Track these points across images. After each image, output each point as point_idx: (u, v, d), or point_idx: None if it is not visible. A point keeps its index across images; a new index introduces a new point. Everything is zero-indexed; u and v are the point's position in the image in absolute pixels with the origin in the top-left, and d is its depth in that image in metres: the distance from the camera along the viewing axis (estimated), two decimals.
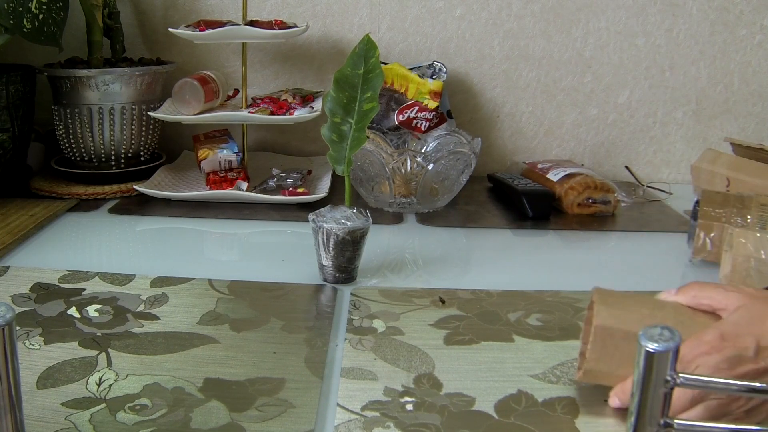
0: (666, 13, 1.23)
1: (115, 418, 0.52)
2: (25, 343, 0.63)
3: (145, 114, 1.09)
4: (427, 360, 0.62)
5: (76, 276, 0.77)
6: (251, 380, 0.58)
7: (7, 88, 1.00)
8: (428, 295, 0.76)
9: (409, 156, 1.00)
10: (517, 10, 1.22)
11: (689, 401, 0.51)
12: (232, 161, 1.07)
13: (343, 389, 0.58)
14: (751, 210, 0.83)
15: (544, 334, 0.68)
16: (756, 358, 0.51)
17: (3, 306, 0.40)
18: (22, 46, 1.10)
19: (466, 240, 0.96)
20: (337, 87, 0.77)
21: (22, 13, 0.93)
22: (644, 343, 0.40)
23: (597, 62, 1.25)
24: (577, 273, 0.86)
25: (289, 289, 0.76)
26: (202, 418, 0.53)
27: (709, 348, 0.51)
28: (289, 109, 1.07)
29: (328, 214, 0.77)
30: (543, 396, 0.57)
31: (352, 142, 0.76)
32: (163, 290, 0.75)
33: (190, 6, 1.24)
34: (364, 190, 1.04)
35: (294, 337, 0.66)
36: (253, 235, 0.97)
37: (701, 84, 1.26)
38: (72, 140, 1.07)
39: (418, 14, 1.23)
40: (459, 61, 1.25)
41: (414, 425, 0.53)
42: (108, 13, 1.13)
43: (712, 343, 0.51)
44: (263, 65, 1.26)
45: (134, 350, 0.62)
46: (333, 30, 1.24)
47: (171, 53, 1.25)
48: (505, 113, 1.28)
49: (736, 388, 0.43)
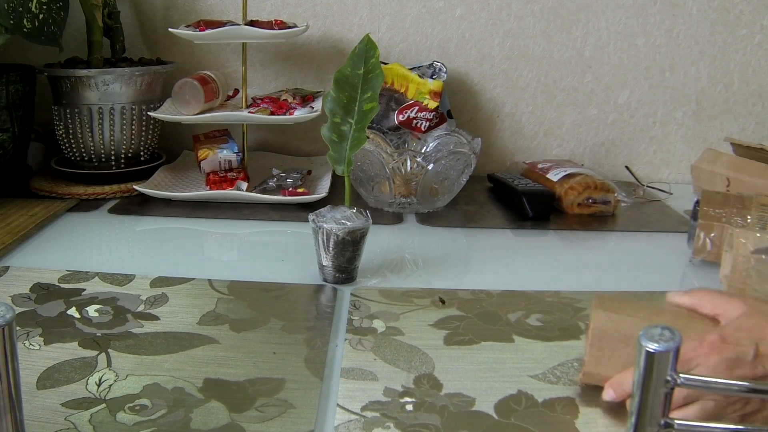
0: (666, 13, 1.23)
1: (115, 418, 0.52)
2: (25, 343, 0.63)
3: (145, 114, 1.09)
4: (427, 360, 0.62)
5: (76, 276, 0.77)
6: (251, 380, 0.58)
7: (7, 88, 1.00)
8: (428, 295, 0.76)
9: (409, 156, 1.00)
10: (517, 10, 1.22)
11: (681, 398, 0.51)
12: (232, 161, 1.07)
13: (343, 389, 0.58)
14: (751, 210, 0.83)
15: (544, 335, 0.68)
16: (754, 362, 0.51)
17: (3, 306, 0.40)
18: (22, 46, 1.10)
19: (466, 240, 0.96)
20: (337, 87, 0.77)
21: (22, 13, 0.93)
22: (644, 344, 0.40)
23: (597, 62, 1.25)
24: (577, 273, 0.86)
25: (289, 289, 0.76)
26: (202, 419, 0.53)
27: (710, 348, 0.52)
28: (289, 109, 1.07)
29: (328, 214, 0.77)
30: (543, 396, 0.57)
31: (352, 142, 0.76)
32: (163, 290, 0.75)
33: (190, 6, 1.24)
34: (364, 190, 1.04)
35: (294, 337, 0.66)
36: (253, 235, 0.97)
37: (701, 84, 1.26)
38: (72, 140, 1.07)
39: (418, 14, 1.23)
40: (459, 61, 1.25)
41: (414, 425, 0.53)
42: (108, 13, 1.13)
43: (713, 344, 0.52)
44: (263, 65, 1.26)
45: (134, 350, 0.62)
46: (333, 30, 1.24)
47: (171, 53, 1.25)
48: (505, 113, 1.28)
49: (736, 388, 0.43)
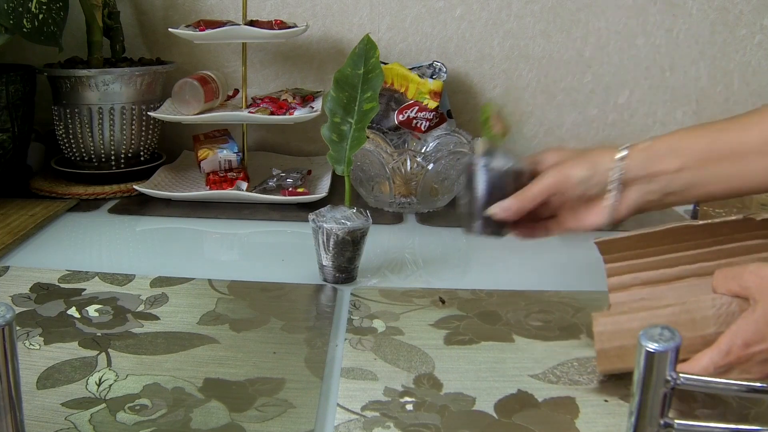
0: (666, 13, 1.22)
1: (115, 418, 0.52)
2: (25, 343, 0.63)
3: (145, 114, 1.09)
4: (427, 360, 0.62)
5: (76, 276, 0.77)
6: (251, 380, 0.58)
7: (7, 88, 1.00)
8: (428, 295, 0.76)
9: (409, 156, 1.00)
10: (517, 10, 1.22)
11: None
12: (232, 161, 1.07)
13: (343, 389, 0.58)
14: (751, 209, 0.83)
15: (544, 334, 0.68)
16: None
17: (3, 306, 0.40)
18: (22, 46, 1.10)
19: (466, 240, 0.96)
20: (337, 87, 0.77)
21: (22, 13, 0.93)
22: (644, 343, 0.40)
23: (597, 62, 1.25)
24: (577, 273, 0.86)
25: (289, 289, 0.76)
26: (202, 418, 0.53)
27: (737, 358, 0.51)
28: (289, 109, 1.07)
29: (328, 214, 0.77)
30: (543, 396, 0.57)
31: (352, 142, 0.76)
32: (163, 290, 0.75)
33: (190, 6, 1.24)
34: (364, 190, 1.04)
35: (294, 337, 0.66)
36: (253, 235, 0.97)
37: (701, 84, 1.26)
38: (72, 140, 1.07)
39: (418, 14, 1.23)
40: (459, 61, 1.25)
41: (414, 425, 0.53)
42: (108, 13, 1.13)
43: (739, 353, 0.51)
44: (263, 65, 1.26)
45: (134, 350, 0.62)
46: (333, 30, 1.24)
47: (171, 53, 1.25)
48: (505, 113, 1.28)
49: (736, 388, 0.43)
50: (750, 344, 0.51)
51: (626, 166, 0.64)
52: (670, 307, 0.56)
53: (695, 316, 0.55)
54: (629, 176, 0.65)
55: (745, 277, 0.52)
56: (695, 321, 0.55)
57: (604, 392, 0.58)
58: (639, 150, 0.65)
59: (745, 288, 0.52)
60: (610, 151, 0.66)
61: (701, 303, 0.55)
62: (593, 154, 0.67)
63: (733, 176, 0.62)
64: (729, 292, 0.54)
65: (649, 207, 0.66)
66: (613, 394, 0.57)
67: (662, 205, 0.66)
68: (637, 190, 0.65)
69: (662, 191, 0.64)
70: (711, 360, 0.51)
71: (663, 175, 0.64)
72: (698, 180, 0.63)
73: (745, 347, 0.51)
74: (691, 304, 0.56)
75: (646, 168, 0.64)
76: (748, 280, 0.52)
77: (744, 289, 0.52)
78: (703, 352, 0.53)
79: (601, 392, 0.57)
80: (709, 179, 0.63)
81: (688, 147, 0.63)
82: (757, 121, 0.62)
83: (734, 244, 0.57)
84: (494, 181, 0.67)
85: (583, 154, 0.68)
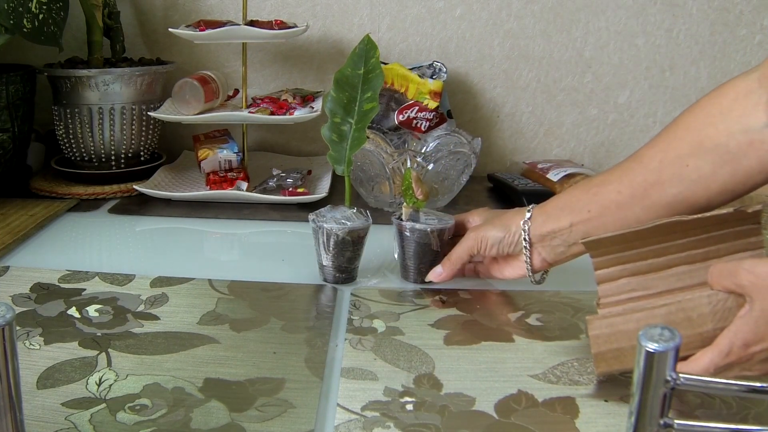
0: (666, 13, 1.22)
1: (115, 418, 0.52)
2: (25, 343, 0.63)
3: (145, 114, 1.09)
4: (427, 360, 0.62)
5: (76, 276, 0.77)
6: (251, 380, 0.58)
7: (7, 88, 1.00)
8: (428, 295, 0.76)
9: (409, 156, 1.00)
10: (517, 10, 1.22)
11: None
12: (232, 161, 1.07)
13: (343, 389, 0.58)
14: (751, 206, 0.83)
15: (544, 334, 0.68)
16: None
17: (3, 306, 0.40)
18: (22, 46, 1.10)
19: None
20: (337, 87, 0.77)
21: (22, 13, 0.93)
22: (644, 343, 0.40)
23: (597, 62, 1.25)
24: (576, 273, 0.86)
25: (289, 289, 0.76)
26: (202, 418, 0.53)
27: (738, 358, 0.51)
28: (289, 109, 1.07)
29: (328, 214, 0.77)
30: (543, 396, 0.57)
31: (352, 142, 0.77)
32: (163, 290, 0.75)
33: (190, 6, 1.24)
34: (364, 190, 1.04)
35: (294, 337, 0.66)
36: (253, 235, 0.97)
37: (701, 84, 1.26)
38: (72, 140, 1.07)
39: (418, 14, 1.23)
40: (459, 61, 1.25)
41: (414, 425, 0.53)
42: (108, 13, 1.13)
43: (739, 353, 0.51)
44: (263, 65, 1.26)
45: (134, 350, 0.62)
46: (333, 30, 1.24)
47: (171, 53, 1.25)
48: (505, 113, 1.28)
49: (735, 388, 0.43)
50: (750, 344, 0.51)
51: (530, 227, 0.71)
52: (665, 307, 0.56)
53: (691, 314, 0.55)
54: (534, 235, 0.71)
55: (740, 275, 0.52)
56: (692, 319, 0.55)
57: (604, 392, 0.58)
58: (539, 212, 0.71)
59: (741, 286, 0.52)
60: (521, 213, 0.72)
61: (697, 300, 0.55)
62: (507, 217, 0.74)
63: (616, 224, 0.65)
64: (724, 289, 0.54)
65: (563, 259, 0.72)
66: (613, 394, 0.57)
67: (574, 255, 0.71)
68: (544, 246, 0.71)
69: (566, 244, 0.70)
70: (711, 361, 0.51)
71: (559, 232, 0.69)
72: (591, 231, 0.67)
73: (745, 348, 0.51)
74: (687, 302, 0.55)
75: (545, 227, 0.70)
76: (743, 278, 0.52)
77: (739, 287, 0.52)
78: (702, 351, 0.53)
79: (600, 392, 0.57)
80: (599, 229, 0.66)
81: (575, 205, 0.69)
82: (633, 167, 0.66)
83: (724, 230, 0.57)
84: (420, 240, 0.77)
85: (499, 216, 0.75)
